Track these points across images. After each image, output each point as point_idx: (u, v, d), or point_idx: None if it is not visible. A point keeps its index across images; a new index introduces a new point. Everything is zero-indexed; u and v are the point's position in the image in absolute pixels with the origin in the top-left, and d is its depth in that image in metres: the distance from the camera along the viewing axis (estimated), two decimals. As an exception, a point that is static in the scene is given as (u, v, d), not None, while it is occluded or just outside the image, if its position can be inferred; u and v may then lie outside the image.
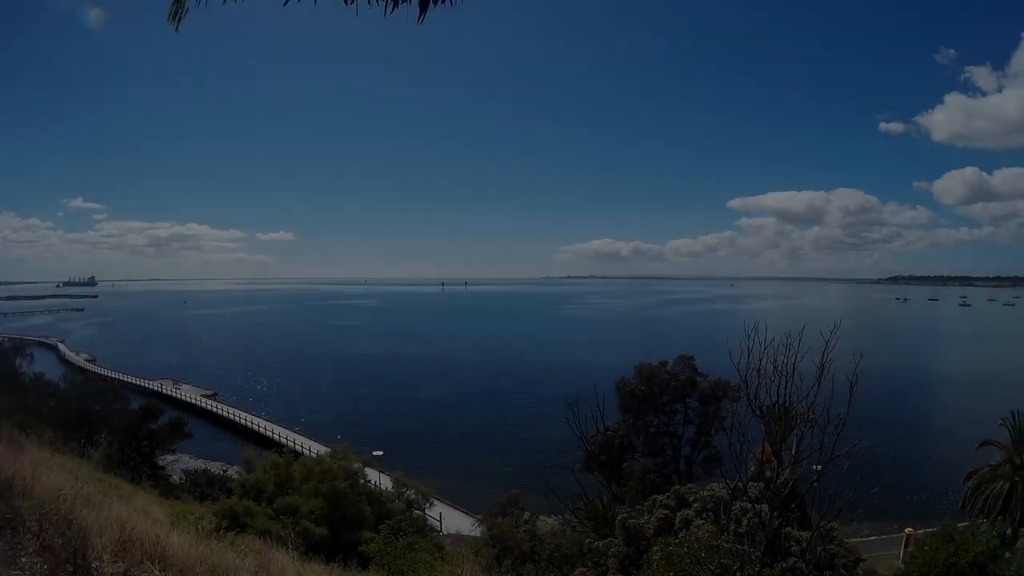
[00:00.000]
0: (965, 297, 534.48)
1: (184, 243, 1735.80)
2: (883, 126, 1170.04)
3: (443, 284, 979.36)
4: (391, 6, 6.67)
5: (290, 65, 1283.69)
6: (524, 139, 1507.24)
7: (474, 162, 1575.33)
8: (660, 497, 32.91)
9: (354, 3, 6.62)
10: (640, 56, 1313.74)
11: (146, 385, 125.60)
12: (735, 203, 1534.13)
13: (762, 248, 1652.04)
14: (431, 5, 6.79)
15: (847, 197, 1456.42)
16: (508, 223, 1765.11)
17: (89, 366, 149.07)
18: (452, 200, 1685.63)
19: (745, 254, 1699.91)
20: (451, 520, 60.47)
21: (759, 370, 24.79)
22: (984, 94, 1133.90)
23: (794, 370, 24.64)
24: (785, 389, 24.80)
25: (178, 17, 7.25)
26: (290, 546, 16.81)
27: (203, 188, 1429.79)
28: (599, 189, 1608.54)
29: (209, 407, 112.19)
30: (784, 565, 24.13)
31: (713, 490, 31.80)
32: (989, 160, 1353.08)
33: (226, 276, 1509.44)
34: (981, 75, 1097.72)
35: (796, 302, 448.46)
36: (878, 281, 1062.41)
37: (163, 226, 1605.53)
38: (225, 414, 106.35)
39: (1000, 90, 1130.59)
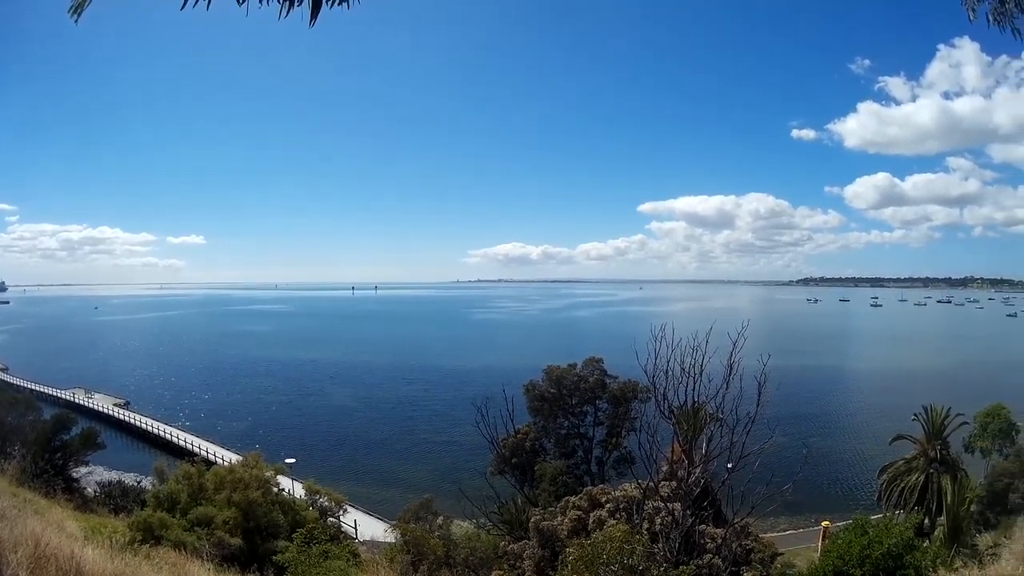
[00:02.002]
0: (876, 298, 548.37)
1: (96, 246, 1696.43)
2: (795, 132, 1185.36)
3: (353, 288, 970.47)
4: (286, 8, 6.72)
5: (197, 64, 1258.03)
6: (430, 141, 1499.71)
7: (382, 164, 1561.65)
8: (573, 498, 32.96)
9: (245, 3, 6.67)
10: (550, 60, 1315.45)
11: (58, 395, 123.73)
12: (645, 207, 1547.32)
13: (672, 251, 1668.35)
14: (323, 6, 6.85)
15: (758, 201, 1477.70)
16: (417, 226, 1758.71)
17: (1, 375, 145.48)
18: (360, 203, 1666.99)
19: (655, 257, 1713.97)
20: (366, 527, 60.42)
21: (667, 372, 25.07)
22: (898, 103, 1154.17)
23: (702, 371, 24.95)
24: (693, 390, 25.13)
25: (79, 10, 7.22)
26: (205, 557, 16.71)
27: (115, 189, 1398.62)
28: (508, 192, 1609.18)
29: (121, 416, 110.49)
30: (700, 562, 24.39)
31: (625, 490, 32.10)
32: (901, 166, 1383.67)
33: (137, 281, 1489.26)
34: (895, 85, 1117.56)
35: (706, 304, 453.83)
36: (789, 283, 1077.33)
37: (75, 228, 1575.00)
38: (138, 423, 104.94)
39: (914, 99, 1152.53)
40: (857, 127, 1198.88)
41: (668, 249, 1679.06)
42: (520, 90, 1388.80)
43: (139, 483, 59.14)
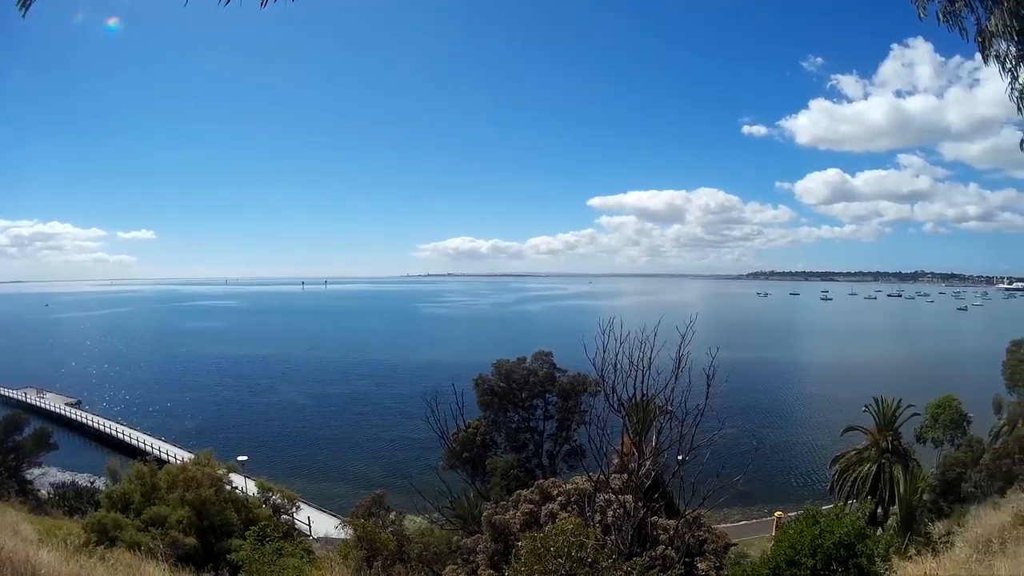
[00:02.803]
0: (827, 291, 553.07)
1: (47, 242, 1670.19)
2: (746, 129, 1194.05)
3: (303, 283, 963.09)
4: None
5: (145, 57, 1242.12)
6: (379, 135, 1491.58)
7: (331, 159, 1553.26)
8: (524, 492, 32.85)
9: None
10: (499, 55, 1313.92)
11: (9, 395, 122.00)
12: (595, 201, 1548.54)
13: (622, 246, 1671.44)
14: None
15: (708, 196, 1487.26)
16: (367, 221, 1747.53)
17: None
18: (309, 197, 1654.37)
19: (605, 251, 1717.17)
20: (320, 523, 60.38)
21: (615, 365, 25.17)
22: (850, 101, 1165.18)
23: (650, 364, 25.07)
24: (642, 383, 25.28)
25: (27, 4, 7.19)
26: (160, 558, 16.59)
27: (64, 183, 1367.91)
28: (459, 186, 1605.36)
29: (74, 416, 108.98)
30: (653, 553, 24.51)
31: (576, 483, 31.82)
32: (852, 163, 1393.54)
33: (88, 277, 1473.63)
34: (848, 83, 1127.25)
35: (655, 298, 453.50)
36: (739, 277, 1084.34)
37: (25, 224, 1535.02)
38: (90, 423, 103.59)
39: (866, 97, 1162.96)
40: (808, 124, 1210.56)
41: (618, 243, 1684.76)
42: (470, 84, 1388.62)
43: (92, 484, 58.95)
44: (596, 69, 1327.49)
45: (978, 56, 12.60)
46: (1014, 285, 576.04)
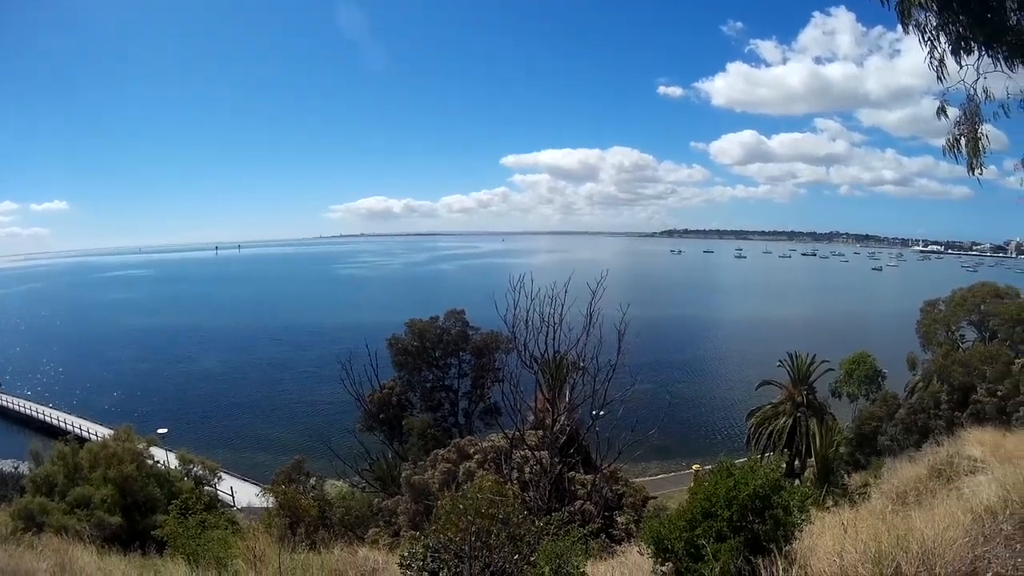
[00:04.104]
0: (740, 250, 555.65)
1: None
2: (662, 89, 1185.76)
3: (217, 248, 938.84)
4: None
5: (49, 18, 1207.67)
6: (287, 93, 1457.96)
7: (240, 121, 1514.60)
8: (442, 451, 33.12)
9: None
10: (408, 13, 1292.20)
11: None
12: (508, 160, 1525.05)
13: (536, 204, 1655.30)
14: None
15: (622, 155, 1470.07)
16: (278, 182, 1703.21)
17: None
18: (219, 159, 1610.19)
19: (519, 210, 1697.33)
20: (243, 493, 59.32)
21: (526, 322, 25.41)
22: (768, 65, 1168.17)
23: (561, 321, 25.36)
24: (554, 339, 25.52)
25: None
26: (87, 540, 16.42)
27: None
28: (370, 144, 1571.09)
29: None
30: (572, 508, 24.75)
31: (493, 441, 32.46)
32: (769, 125, 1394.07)
33: (1, 253, 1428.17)
34: (767, 48, 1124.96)
35: (567, 255, 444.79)
36: (652, 235, 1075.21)
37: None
38: (9, 405, 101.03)
39: (785, 63, 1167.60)
40: (725, 86, 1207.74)
41: (531, 202, 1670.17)
42: (380, 39, 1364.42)
43: (16, 469, 57.83)
44: (509, 28, 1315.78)
45: (900, 28, 12.78)
46: (929, 248, 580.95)
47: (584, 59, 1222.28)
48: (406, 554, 9.76)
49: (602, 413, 27.60)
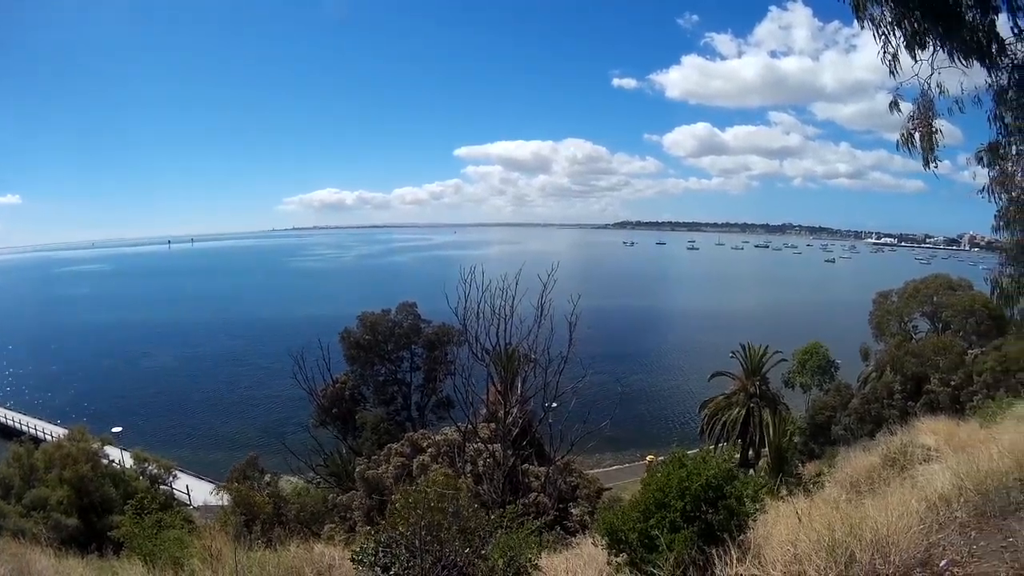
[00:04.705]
0: (693, 241, 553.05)
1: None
2: (616, 81, 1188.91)
3: (170, 242, 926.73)
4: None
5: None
6: (238, 84, 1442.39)
7: (190, 111, 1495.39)
8: (395, 445, 33.23)
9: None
10: (365, 3, 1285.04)
11: None
12: (462, 151, 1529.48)
13: (488, 195, 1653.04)
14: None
15: (576, 147, 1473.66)
16: (230, 175, 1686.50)
17: None
18: (171, 153, 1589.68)
19: (471, 201, 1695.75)
20: (199, 491, 58.03)
21: (478, 314, 25.46)
22: (724, 58, 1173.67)
23: (512, 313, 25.41)
24: (505, 331, 25.57)
25: None
26: (43, 542, 16.26)
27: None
28: (324, 138, 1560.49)
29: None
30: (526, 501, 24.86)
31: (446, 434, 32.62)
32: (723, 118, 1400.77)
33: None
34: (722, 41, 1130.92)
35: (520, 247, 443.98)
36: (605, 227, 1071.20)
37: None
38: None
39: (740, 56, 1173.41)
40: (680, 78, 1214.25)
41: (484, 193, 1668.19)
42: (332, 29, 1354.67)
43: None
44: (463, 19, 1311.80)
45: (857, 23, 12.87)
46: (882, 240, 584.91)
47: (539, 50, 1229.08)
48: (358, 550, 9.75)
49: (554, 405, 27.78)
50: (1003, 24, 12.28)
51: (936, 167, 13.28)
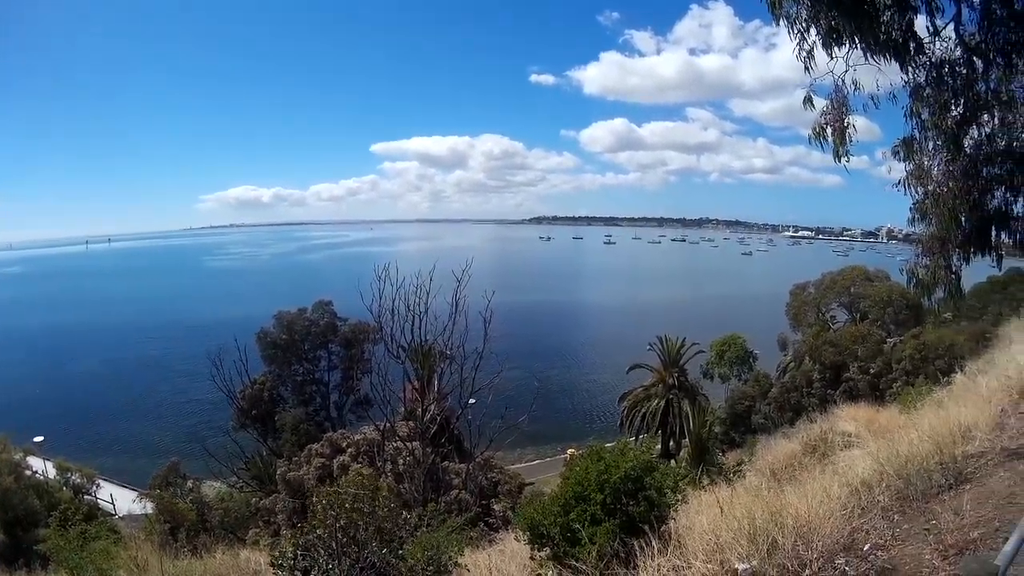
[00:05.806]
0: (610, 236, 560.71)
1: None
2: (534, 77, 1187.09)
3: (87, 242, 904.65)
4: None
5: None
6: (155, 77, 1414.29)
7: (104, 105, 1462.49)
8: (315, 446, 33.12)
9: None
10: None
11: None
12: (378, 147, 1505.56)
13: (404, 191, 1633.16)
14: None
15: (492, 142, 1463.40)
16: (147, 173, 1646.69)
17: None
18: (85, 149, 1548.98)
19: (387, 198, 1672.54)
20: (123, 500, 56.54)
21: (393, 311, 25.45)
22: (643, 55, 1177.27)
23: (426, 309, 25.47)
24: (420, 328, 25.63)
25: None
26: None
27: None
28: (238, 133, 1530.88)
29: None
30: (448, 498, 24.94)
31: (365, 433, 32.70)
32: (641, 114, 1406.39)
33: None
34: (642, 38, 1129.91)
35: (435, 243, 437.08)
36: (521, 222, 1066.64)
37: None
38: None
39: (659, 53, 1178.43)
40: (598, 75, 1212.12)
41: (400, 189, 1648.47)
42: (243, 23, 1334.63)
43: None
44: (377, 13, 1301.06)
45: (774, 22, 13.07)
46: (799, 233, 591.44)
47: (456, 45, 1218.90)
48: (277, 554, 9.73)
49: (472, 401, 27.87)
50: (920, 25, 12.56)
51: (848, 161, 13.50)
